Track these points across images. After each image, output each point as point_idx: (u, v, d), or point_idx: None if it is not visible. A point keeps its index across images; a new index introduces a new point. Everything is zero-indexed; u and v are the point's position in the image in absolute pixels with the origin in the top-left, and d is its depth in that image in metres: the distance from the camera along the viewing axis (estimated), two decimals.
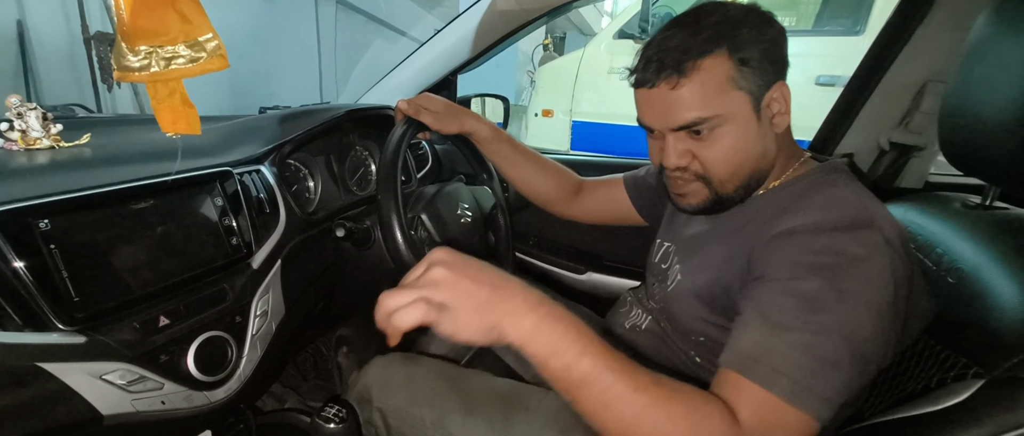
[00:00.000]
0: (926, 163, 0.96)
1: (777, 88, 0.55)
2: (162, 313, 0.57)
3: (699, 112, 0.53)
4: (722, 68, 0.52)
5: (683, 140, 0.56)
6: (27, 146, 0.62)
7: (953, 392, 0.44)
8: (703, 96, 0.52)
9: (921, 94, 0.89)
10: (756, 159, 0.56)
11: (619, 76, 3.22)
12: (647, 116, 0.58)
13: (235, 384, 0.64)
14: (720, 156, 0.55)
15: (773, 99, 0.55)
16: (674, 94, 0.53)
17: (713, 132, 0.54)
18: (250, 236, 0.69)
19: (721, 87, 0.52)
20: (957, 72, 0.55)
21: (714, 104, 0.52)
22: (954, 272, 0.55)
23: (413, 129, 0.76)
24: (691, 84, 0.52)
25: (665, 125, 0.56)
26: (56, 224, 0.49)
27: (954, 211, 0.63)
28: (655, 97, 0.55)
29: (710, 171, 0.56)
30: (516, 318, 0.40)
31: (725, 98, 0.53)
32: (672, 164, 0.57)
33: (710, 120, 0.53)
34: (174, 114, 0.51)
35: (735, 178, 0.56)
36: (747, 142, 0.55)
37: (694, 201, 0.60)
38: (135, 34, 0.46)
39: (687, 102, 0.53)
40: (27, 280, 0.47)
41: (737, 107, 0.53)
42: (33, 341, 0.47)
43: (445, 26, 1.13)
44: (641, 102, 0.58)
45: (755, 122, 0.55)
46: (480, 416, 0.72)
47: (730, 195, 0.58)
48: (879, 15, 2.53)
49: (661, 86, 0.53)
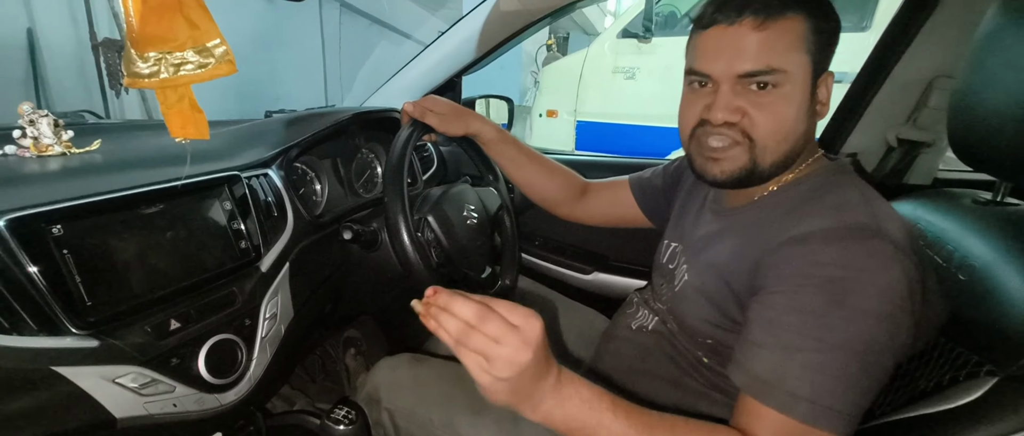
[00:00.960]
0: (935, 159, 0.96)
1: (828, 76, 0.55)
2: (173, 316, 0.58)
3: (773, 61, 0.51)
4: (801, 27, 0.51)
5: (740, 94, 0.53)
6: (39, 153, 0.63)
7: (966, 390, 0.43)
8: (780, 46, 0.51)
9: (929, 90, 0.89)
10: (799, 136, 0.54)
11: (623, 76, 3.22)
12: (710, 59, 0.54)
13: (245, 386, 0.65)
14: (773, 118, 0.52)
15: (822, 85, 0.55)
16: (754, 36, 0.51)
17: (775, 90, 0.52)
18: (258, 239, 0.69)
19: (796, 45, 0.51)
20: (965, 67, 0.54)
21: (787, 58, 0.51)
22: (965, 269, 0.54)
23: (419, 131, 0.76)
24: (774, 29, 0.50)
25: (731, 69, 0.52)
26: (69, 229, 0.50)
27: (964, 207, 0.63)
28: (729, 37, 0.52)
29: (759, 132, 0.53)
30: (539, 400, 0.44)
31: (796, 57, 0.51)
32: (720, 117, 0.53)
33: (779, 73, 0.51)
34: (183, 119, 0.51)
35: (778, 149, 0.54)
36: (798, 113, 0.53)
37: (729, 168, 0.55)
38: (144, 41, 0.46)
39: (764, 47, 0.51)
40: (41, 285, 0.47)
41: (802, 71, 0.52)
42: (47, 345, 0.48)
43: (449, 28, 1.14)
44: (707, 44, 0.54)
45: (809, 96, 0.53)
46: (489, 417, 0.72)
47: (765, 168, 0.55)
48: (885, 11, 2.52)
49: (743, 24, 0.51)
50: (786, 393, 0.44)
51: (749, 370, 0.47)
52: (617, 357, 0.75)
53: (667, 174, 0.84)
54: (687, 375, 0.65)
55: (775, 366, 0.46)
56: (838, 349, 0.44)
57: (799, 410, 0.43)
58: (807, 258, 0.48)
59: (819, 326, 0.44)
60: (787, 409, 0.44)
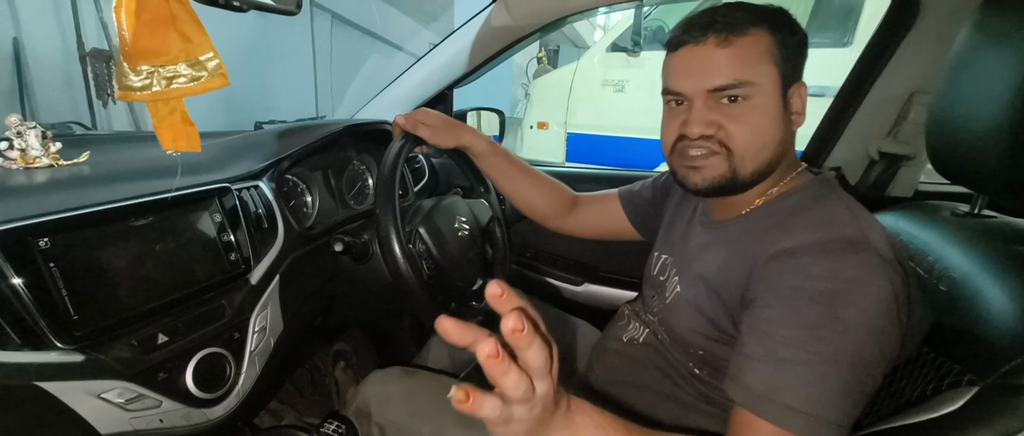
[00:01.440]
0: (915, 172, 0.98)
1: (799, 86, 0.57)
2: (160, 330, 0.57)
3: (740, 74, 0.53)
4: (765, 41, 0.54)
5: (713, 108, 0.55)
6: (26, 164, 0.63)
7: (949, 399, 0.44)
8: (747, 60, 0.54)
9: (908, 105, 0.91)
10: (776, 144, 0.56)
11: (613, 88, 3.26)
12: (682, 77, 0.57)
13: (234, 401, 0.64)
14: (747, 128, 0.55)
15: (795, 95, 0.57)
16: (719, 52, 0.54)
17: (746, 101, 0.54)
18: (248, 252, 0.69)
19: (762, 58, 0.54)
20: (942, 83, 0.56)
21: (754, 71, 0.54)
22: (946, 280, 0.55)
23: (411, 143, 0.77)
24: (738, 45, 0.53)
25: (701, 85, 0.55)
26: (56, 242, 0.49)
27: (944, 219, 0.64)
28: (697, 55, 0.55)
29: (735, 142, 0.55)
30: None
31: (763, 69, 0.54)
32: (696, 132, 0.56)
33: (748, 85, 0.54)
34: (175, 132, 0.51)
35: (755, 158, 0.56)
36: (772, 122, 0.55)
37: (709, 175, 0.57)
38: (137, 54, 0.46)
39: (731, 62, 0.54)
40: (26, 299, 0.46)
41: (771, 83, 0.55)
42: (32, 360, 0.47)
43: (441, 41, 1.15)
44: (678, 64, 0.58)
45: (781, 107, 0.56)
46: (479, 429, 0.72)
47: (745, 177, 0.57)
48: (866, 27, 2.59)
49: (709, 42, 0.54)
50: (782, 406, 0.44)
51: (744, 384, 0.48)
52: (608, 370, 0.76)
53: (656, 187, 0.85)
54: (678, 387, 0.66)
55: (770, 379, 0.46)
56: (831, 361, 0.44)
57: (795, 423, 0.44)
58: (799, 271, 0.49)
59: (813, 339, 0.45)
60: (783, 422, 0.44)
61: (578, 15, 1.05)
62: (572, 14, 1.03)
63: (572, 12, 1.02)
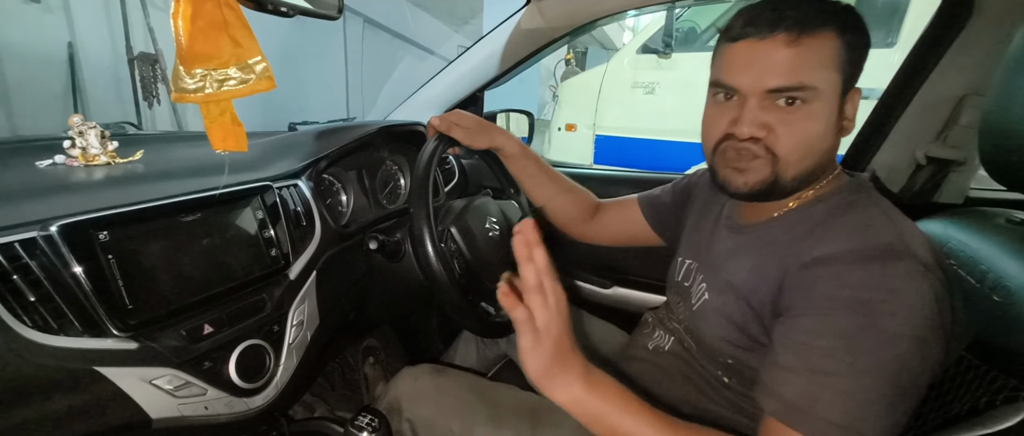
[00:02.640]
0: (966, 178, 0.93)
1: (855, 92, 0.54)
2: (206, 321, 0.60)
3: (804, 78, 0.50)
4: (834, 44, 0.50)
5: (767, 109, 0.52)
6: (86, 162, 0.66)
7: (1003, 415, 0.42)
8: (814, 63, 0.50)
9: (959, 107, 0.87)
10: (823, 153, 0.54)
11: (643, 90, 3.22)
12: (740, 72, 0.53)
13: (272, 392, 0.66)
14: (798, 135, 0.52)
15: (850, 101, 0.54)
16: (786, 51, 0.50)
17: (803, 106, 0.51)
18: (288, 248, 0.71)
19: (828, 62, 0.50)
20: (997, 85, 0.53)
21: (818, 75, 0.50)
22: (1000, 290, 0.53)
23: (444, 144, 0.78)
24: (807, 45, 0.50)
25: (760, 84, 0.51)
26: (114, 235, 0.52)
27: (998, 227, 0.61)
28: (760, 51, 0.51)
29: (782, 148, 0.52)
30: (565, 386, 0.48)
31: (827, 74, 0.50)
32: (746, 133, 0.52)
33: (809, 90, 0.50)
34: (225, 132, 0.54)
35: (801, 164, 0.53)
36: (825, 130, 0.52)
37: (752, 179, 0.54)
38: (192, 58, 0.49)
39: (796, 63, 0.50)
40: (87, 288, 0.50)
41: (832, 89, 0.51)
42: (91, 346, 0.50)
43: (472, 45, 1.16)
44: (736, 57, 0.53)
45: (836, 115, 0.53)
46: (508, 429, 0.72)
47: (787, 182, 0.54)
48: (911, 27, 2.48)
49: (776, 38, 0.50)
50: (819, 419, 0.43)
51: (779, 396, 0.46)
52: (634, 379, 0.74)
53: (676, 191, 0.84)
54: (706, 396, 0.64)
55: (806, 391, 0.45)
56: (870, 373, 0.43)
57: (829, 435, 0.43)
58: (835, 280, 0.47)
59: (850, 350, 0.44)
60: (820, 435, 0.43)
61: (610, 17, 1.05)
62: (605, 16, 1.03)
63: (605, 14, 1.02)
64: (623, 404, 0.49)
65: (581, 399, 0.48)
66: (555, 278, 0.47)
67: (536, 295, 0.46)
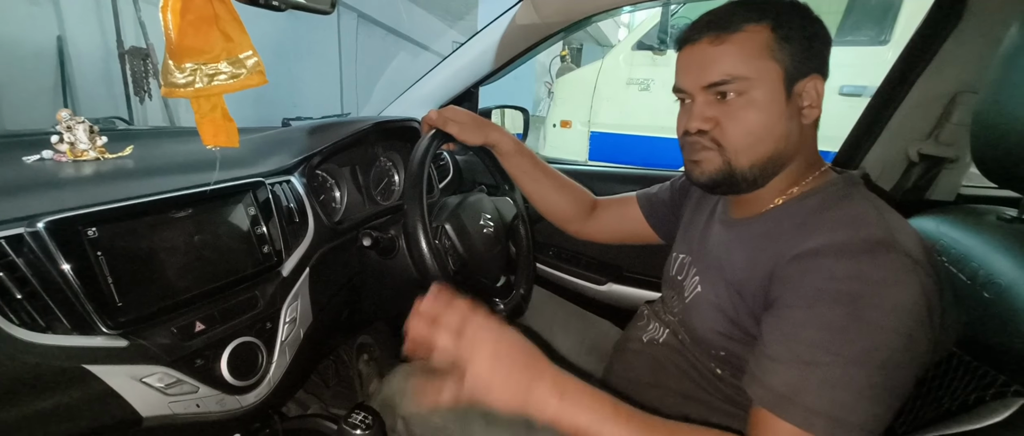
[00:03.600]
0: (958, 175, 0.94)
1: (812, 79, 0.56)
2: (198, 318, 0.59)
3: (731, 70, 0.54)
4: (762, 36, 0.54)
5: (710, 104, 0.57)
6: (75, 158, 0.65)
7: (993, 410, 0.43)
8: (739, 56, 0.54)
9: (952, 105, 0.88)
10: (776, 139, 0.56)
11: (638, 87, 3.23)
12: (682, 75, 0.60)
13: (265, 389, 0.66)
14: (740, 123, 0.55)
15: (806, 89, 0.56)
16: (712, 50, 0.55)
17: (740, 97, 0.55)
18: (280, 244, 0.71)
19: (758, 53, 0.54)
20: (990, 82, 0.54)
21: (748, 67, 0.54)
22: (990, 287, 0.53)
23: (439, 140, 0.78)
24: (731, 42, 0.54)
25: (697, 82, 0.57)
26: (103, 232, 0.52)
27: (989, 224, 0.62)
28: (694, 54, 0.57)
29: (727, 138, 0.56)
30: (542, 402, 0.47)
31: (759, 64, 0.54)
32: (694, 126, 0.58)
33: (740, 80, 0.54)
34: (215, 128, 0.53)
35: (751, 152, 0.56)
36: (771, 118, 0.55)
37: (707, 169, 0.59)
38: (182, 53, 0.48)
39: (722, 59, 0.55)
40: (75, 285, 0.49)
41: (769, 77, 0.54)
42: (80, 344, 0.49)
43: (467, 41, 1.15)
44: (680, 64, 0.60)
45: (783, 101, 0.55)
46: (503, 426, 0.72)
47: (744, 171, 0.57)
48: (905, 25, 2.50)
49: (703, 41, 0.56)
50: (805, 408, 0.44)
51: (767, 385, 0.47)
52: (629, 370, 0.75)
53: (675, 188, 0.84)
54: (700, 388, 0.65)
55: (793, 381, 0.45)
56: (856, 364, 0.43)
57: (818, 426, 0.43)
58: (823, 272, 0.47)
59: (836, 340, 0.44)
60: (806, 425, 0.43)
61: (605, 13, 1.04)
62: (600, 12, 1.02)
63: (600, 10, 1.02)
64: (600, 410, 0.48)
65: (560, 413, 0.47)
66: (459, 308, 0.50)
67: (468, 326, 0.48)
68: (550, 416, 0.47)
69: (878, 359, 0.43)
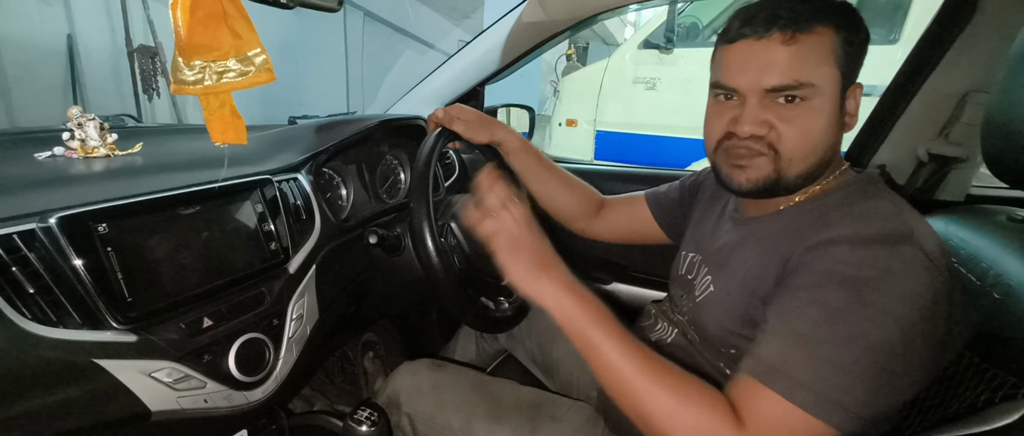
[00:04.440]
0: (968, 175, 0.93)
1: (856, 87, 0.54)
2: (206, 314, 0.60)
3: (802, 75, 0.50)
4: (830, 40, 0.51)
5: (768, 107, 0.53)
6: (86, 154, 0.66)
7: (1003, 412, 0.42)
8: (811, 60, 0.51)
9: (962, 104, 0.87)
10: (826, 148, 0.54)
11: (644, 86, 3.21)
12: (738, 73, 0.54)
13: (272, 385, 0.66)
14: (800, 131, 0.52)
15: (851, 96, 0.54)
16: (783, 50, 0.51)
17: (803, 103, 0.52)
18: (287, 242, 0.71)
19: (826, 58, 0.51)
20: (1001, 81, 0.53)
21: (816, 72, 0.51)
22: (1000, 287, 0.53)
23: (445, 138, 0.78)
24: (804, 43, 0.50)
25: (759, 83, 0.52)
26: (113, 228, 0.52)
27: (999, 224, 0.61)
28: (757, 51, 0.52)
29: (785, 145, 0.53)
30: (556, 290, 0.53)
31: (825, 70, 0.51)
32: (747, 131, 0.53)
33: (808, 87, 0.51)
34: (224, 125, 0.53)
35: (804, 161, 0.53)
36: (826, 126, 0.53)
37: (754, 176, 0.55)
38: (191, 50, 0.49)
39: (793, 61, 0.51)
40: (86, 280, 0.49)
41: (831, 84, 0.52)
42: (90, 338, 0.50)
43: (473, 39, 1.15)
44: (734, 58, 0.54)
45: (838, 110, 0.53)
46: (507, 424, 0.73)
47: (790, 179, 0.54)
48: (914, 24, 2.47)
49: (772, 38, 0.51)
50: (790, 378, 0.43)
51: (757, 355, 0.47)
52: None
53: (684, 188, 0.84)
54: None
55: (783, 351, 0.45)
56: (851, 344, 0.43)
57: (799, 397, 0.42)
58: (835, 258, 0.47)
59: (834, 319, 0.44)
60: (789, 394, 0.43)
61: (611, 12, 1.04)
62: (606, 11, 1.02)
63: (606, 8, 1.01)
64: (598, 317, 0.52)
65: (563, 303, 0.53)
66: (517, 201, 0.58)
67: (502, 211, 0.57)
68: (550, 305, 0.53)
69: (873, 343, 0.42)
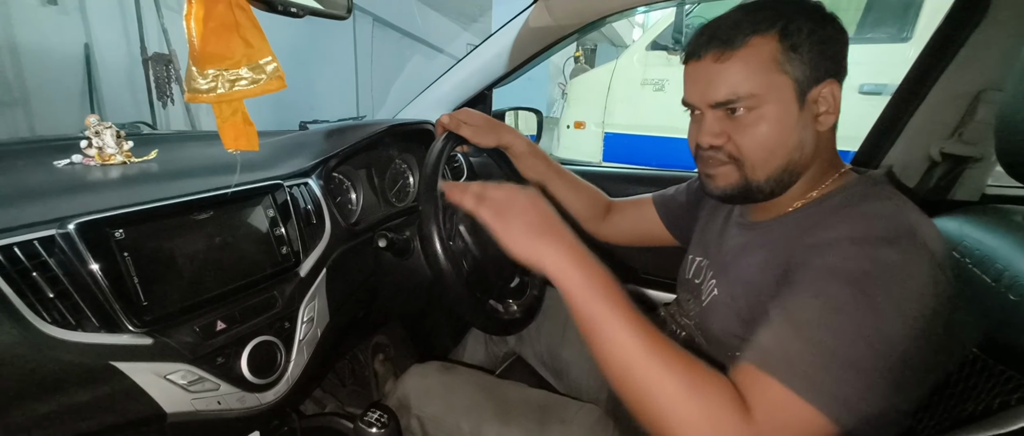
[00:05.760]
0: (982, 174, 0.92)
1: (827, 85, 0.54)
2: (219, 317, 0.61)
3: (738, 89, 0.53)
4: (769, 48, 0.52)
5: (720, 119, 0.56)
6: (103, 162, 0.68)
7: (1018, 415, 0.42)
8: (746, 73, 0.53)
9: (976, 103, 0.86)
10: (790, 151, 0.55)
11: (652, 88, 3.20)
12: (689, 91, 0.59)
13: (284, 387, 0.67)
14: (754, 139, 0.54)
15: (821, 95, 0.54)
16: (717, 67, 0.54)
17: (750, 113, 0.54)
18: (298, 246, 0.72)
19: (765, 67, 0.52)
20: (1015, 79, 0.52)
21: (755, 83, 0.52)
22: (1016, 288, 0.52)
23: (453, 142, 0.78)
24: (736, 59, 0.53)
25: (704, 100, 0.56)
26: (129, 233, 0.53)
27: (1015, 225, 0.60)
28: (699, 70, 0.56)
29: (743, 152, 0.55)
30: (557, 254, 0.51)
31: (768, 79, 0.52)
32: (706, 142, 0.57)
33: (748, 99, 0.53)
34: (236, 132, 0.54)
35: (767, 165, 0.55)
36: (784, 130, 0.54)
37: (723, 184, 0.58)
38: (204, 59, 0.50)
39: (728, 77, 0.53)
40: (104, 285, 0.51)
41: (779, 91, 0.53)
42: (107, 341, 0.51)
43: (481, 43, 1.16)
44: (687, 78, 0.59)
45: (796, 112, 0.54)
46: (516, 426, 0.73)
47: (760, 184, 0.56)
48: (926, 22, 2.44)
49: (706, 58, 0.54)
50: (788, 364, 0.43)
51: (756, 344, 0.47)
52: None
53: (691, 191, 0.84)
54: None
55: (783, 340, 0.45)
56: (849, 335, 0.42)
57: (796, 383, 0.42)
58: (838, 256, 0.47)
59: (834, 311, 0.44)
60: (786, 379, 0.42)
61: (618, 14, 1.04)
62: (613, 13, 1.02)
63: (613, 11, 1.01)
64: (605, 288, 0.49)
65: (565, 269, 0.50)
66: None
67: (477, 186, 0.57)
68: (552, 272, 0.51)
69: (874, 336, 0.42)
